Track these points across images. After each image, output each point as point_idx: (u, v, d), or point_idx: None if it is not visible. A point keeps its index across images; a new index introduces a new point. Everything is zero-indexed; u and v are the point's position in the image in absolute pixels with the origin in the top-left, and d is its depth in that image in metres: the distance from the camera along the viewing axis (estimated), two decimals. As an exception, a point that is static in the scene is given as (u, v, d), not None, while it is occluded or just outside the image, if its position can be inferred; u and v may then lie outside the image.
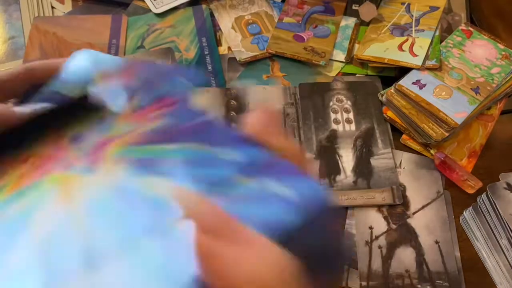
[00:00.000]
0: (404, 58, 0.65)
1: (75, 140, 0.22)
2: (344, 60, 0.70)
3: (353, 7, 0.74)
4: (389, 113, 0.63)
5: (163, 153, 0.20)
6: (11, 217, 0.18)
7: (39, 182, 0.20)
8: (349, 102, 0.65)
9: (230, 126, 0.22)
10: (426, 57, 0.65)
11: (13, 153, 0.22)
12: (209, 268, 0.15)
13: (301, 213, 0.18)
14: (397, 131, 0.64)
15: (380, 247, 0.55)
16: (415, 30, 0.69)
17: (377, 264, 0.53)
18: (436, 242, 0.55)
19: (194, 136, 0.21)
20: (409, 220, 0.56)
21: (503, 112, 0.65)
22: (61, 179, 0.19)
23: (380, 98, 0.65)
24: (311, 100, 0.65)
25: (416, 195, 0.58)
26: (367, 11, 0.71)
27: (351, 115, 0.64)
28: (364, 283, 0.52)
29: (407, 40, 0.67)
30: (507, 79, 0.64)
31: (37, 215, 0.18)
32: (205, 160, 0.19)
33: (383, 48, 0.67)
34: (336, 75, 0.69)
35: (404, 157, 0.61)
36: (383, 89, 0.66)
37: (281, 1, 0.76)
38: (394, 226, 0.56)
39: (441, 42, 0.68)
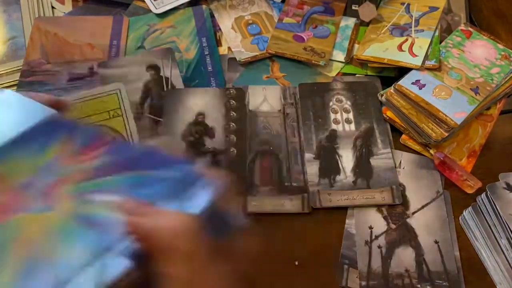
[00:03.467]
0: (404, 58, 0.65)
1: (25, 187, 0.26)
2: (343, 60, 0.70)
3: (353, 8, 0.74)
4: (389, 113, 0.63)
5: (105, 184, 0.27)
6: None
7: (5, 224, 0.24)
8: (348, 102, 0.65)
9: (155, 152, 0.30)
10: (426, 57, 0.65)
11: None
12: (137, 233, 0.25)
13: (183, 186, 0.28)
14: (396, 131, 0.64)
15: (379, 246, 0.55)
16: (414, 30, 0.69)
17: (376, 263, 0.54)
18: (436, 242, 0.55)
19: (130, 166, 0.28)
20: (408, 220, 0.56)
21: (502, 112, 0.66)
22: (25, 219, 0.24)
23: (379, 98, 0.65)
24: (311, 100, 0.65)
25: (416, 195, 0.58)
26: (366, 11, 0.71)
27: (350, 115, 0.64)
28: (363, 283, 0.52)
29: (406, 40, 0.68)
30: (507, 79, 0.64)
31: (12, 247, 0.23)
32: (139, 182, 0.28)
33: (382, 48, 0.67)
34: (336, 75, 0.69)
35: (404, 157, 0.61)
36: (383, 89, 0.66)
37: (281, 2, 0.76)
38: (393, 226, 0.56)
39: (440, 42, 0.68)
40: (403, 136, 0.63)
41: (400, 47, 0.67)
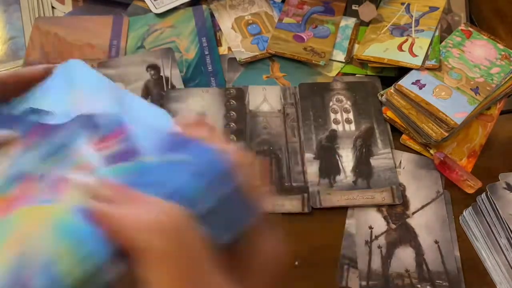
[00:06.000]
0: (404, 58, 0.65)
1: (41, 178, 0.24)
2: (343, 60, 0.70)
3: (353, 7, 0.74)
4: (389, 113, 0.63)
5: (114, 171, 0.23)
6: None
7: (4, 219, 0.22)
8: (349, 102, 0.65)
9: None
10: (426, 57, 0.65)
11: None
12: (103, 224, 0.20)
13: (198, 175, 0.22)
14: (396, 131, 0.64)
15: (379, 247, 0.55)
16: (414, 30, 0.69)
17: (376, 263, 0.54)
18: (436, 242, 0.55)
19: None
20: (408, 220, 0.56)
21: (502, 112, 0.66)
22: (24, 213, 0.22)
23: (379, 98, 0.65)
24: (311, 100, 0.65)
25: (416, 195, 0.58)
26: (366, 11, 0.71)
27: (351, 115, 0.64)
28: (363, 283, 0.52)
29: (406, 40, 0.68)
30: (507, 79, 0.64)
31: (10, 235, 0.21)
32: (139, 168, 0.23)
33: (382, 48, 0.67)
34: (336, 75, 0.69)
35: (404, 157, 0.61)
36: (383, 89, 0.66)
37: (281, 1, 0.76)
38: (393, 226, 0.56)
39: (440, 42, 0.68)
40: (403, 136, 0.63)
41: (400, 47, 0.67)
